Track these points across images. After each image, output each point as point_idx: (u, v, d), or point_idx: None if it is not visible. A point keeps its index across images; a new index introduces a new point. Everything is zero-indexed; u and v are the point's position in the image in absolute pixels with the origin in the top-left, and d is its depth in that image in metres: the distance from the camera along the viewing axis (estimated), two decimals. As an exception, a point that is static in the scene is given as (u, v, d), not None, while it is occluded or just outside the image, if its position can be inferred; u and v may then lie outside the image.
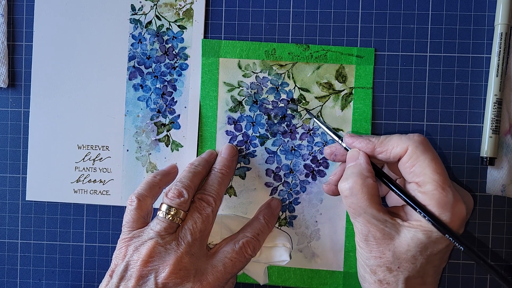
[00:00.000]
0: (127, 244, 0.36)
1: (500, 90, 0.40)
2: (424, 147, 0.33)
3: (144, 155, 0.43)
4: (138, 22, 0.43)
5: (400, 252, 0.33)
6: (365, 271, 0.35)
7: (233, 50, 0.42)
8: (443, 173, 0.33)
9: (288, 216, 0.43)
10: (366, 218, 0.34)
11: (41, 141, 0.44)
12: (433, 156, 0.33)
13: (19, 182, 0.44)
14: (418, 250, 0.33)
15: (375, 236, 0.33)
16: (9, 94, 0.44)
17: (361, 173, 0.34)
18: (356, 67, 0.42)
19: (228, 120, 0.43)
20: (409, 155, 0.33)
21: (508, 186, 0.41)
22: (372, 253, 0.34)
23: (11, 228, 0.44)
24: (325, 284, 0.42)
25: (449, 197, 0.32)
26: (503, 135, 0.41)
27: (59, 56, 0.43)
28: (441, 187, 0.32)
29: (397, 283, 0.33)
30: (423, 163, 0.33)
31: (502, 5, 0.40)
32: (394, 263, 0.33)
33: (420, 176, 0.33)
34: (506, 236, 0.42)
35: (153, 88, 0.43)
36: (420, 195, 0.33)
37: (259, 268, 0.41)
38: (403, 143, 0.34)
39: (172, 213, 0.36)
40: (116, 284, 0.35)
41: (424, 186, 0.33)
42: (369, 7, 0.42)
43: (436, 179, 0.32)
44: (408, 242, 0.33)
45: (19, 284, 0.44)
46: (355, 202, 0.34)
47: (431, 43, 0.42)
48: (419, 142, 0.34)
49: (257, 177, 0.43)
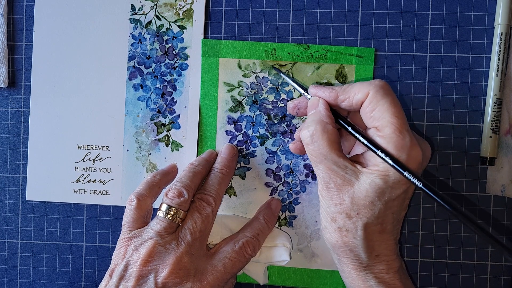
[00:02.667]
0: (126, 244, 0.36)
1: (500, 90, 0.40)
2: (385, 91, 0.33)
3: (144, 155, 0.43)
4: (138, 22, 0.43)
5: (358, 197, 0.33)
6: (326, 220, 0.35)
7: (233, 50, 0.42)
8: (401, 117, 0.33)
9: (288, 216, 0.43)
10: (327, 164, 0.34)
11: (41, 141, 0.44)
12: (393, 100, 0.33)
13: (19, 182, 0.44)
14: (376, 195, 0.33)
15: (336, 183, 0.34)
16: (9, 94, 0.44)
17: (321, 120, 0.35)
18: (356, 67, 0.42)
19: (228, 120, 0.43)
20: (369, 100, 0.33)
21: (508, 186, 0.41)
22: (333, 200, 0.34)
23: (11, 228, 0.44)
24: (325, 284, 0.42)
25: (406, 140, 0.32)
26: (503, 135, 0.41)
27: (59, 56, 0.43)
28: (399, 130, 0.32)
29: (356, 229, 0.34)
30: (382, 107, 0.33)
31: (502, 5, 0.40)
32: (353, 209, 0.33)
33: (380, 120, 0.33)
34: (506, 236, 0.42)
35: (153, 88, 0.43)
36: (379, 139, 0.33)
37: (259, 268, 0.41)
38: (365, 88, 0.34)
39: (172, 213, 0.36)
40: (115, 283, 0.35)
41: (382, 130, 0.33)
42: (369, 7, 0.42)
43: (394, 123, 0.33)
44: (367, 187, 0.33)
45: (19, 284, 0.44)
46: (316, 149, 0.34)
47: (431, 43, 0.42)
48: (380, 86, 0.33)
49: (257, 177, 0.43)
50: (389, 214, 0.34)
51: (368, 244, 0.34)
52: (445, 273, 0.42)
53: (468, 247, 0.42)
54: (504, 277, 0.42)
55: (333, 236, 0.35)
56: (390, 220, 0.34)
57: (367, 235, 0.34)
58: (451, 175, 0.42)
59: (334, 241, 0.35)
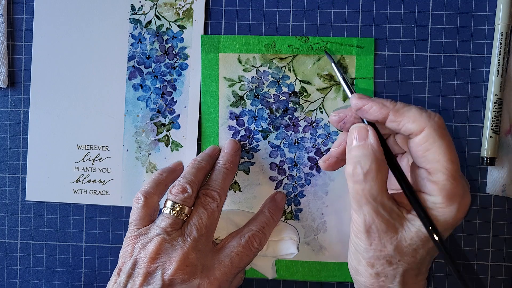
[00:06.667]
0: (133, 241, 0.36)
1: (500, 90, 0.40)
2: (442, 132, 0.30)
3: (144, 155, 0.43)
4: (137, 22, 0.43)
5: (402, 245, 0.31)
6: (360, 264, 0.33)
7: (233, 44, 0.42)
8: (457, 162, 0.30)
9: (294, 210, 0.43)
10: (374, 207, 0.31)
11: (41, 141, 0.44)
12: (449, 143, 0.30)
13: (19, 182, 0.44)
14: (421, 243, 0.31)
15: (379, 228, 0.31)
16: (8, 94, 0.44)
17: (376, 157, 0.31)
18: (357, 57, 0.42)
19: (230, 115, 0.43)
20: (425, 138, 0.30)
21: (508, 186, 0.41)
22: (372, 245, 0.32)
23: (10, 228, 0.44)
24: (334, 277, 0.42)
25: (459, 189, 0.30)
26: (503, 135, 0.41)
27: (59, 56, 0.43)
28: (453, 177, 0.30)
29: (395, 276, 0.32)
30: (438, 150, 0.30)
31: (502, 5, 0.40)
32: (395, 256, 0.31)
33: (433, 163, 0.30)
34: (507, 236, 0.42)
35: (152, 88, 0.43)
36: (430, 184, 0.31)
37: (267, 263, 0.41)
38: (421, 122, 0.30)
39: (177, 209, 0.36)
40: (124, 282, 0.35)
41: (435, 175, 0.30)
42: (369, 7, 0.42)
43: (449, 169, 0.30)
44: (412, 235, 0.31)
45: (19, 284, 0.44)
46: (367, 189, 0.31)
47: (431, 43, 0.42)
48: (438, 125, 0.30)
49: (261, 171, 0.43)
50: (428, 258, 0.33)
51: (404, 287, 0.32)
52: (445, 273, 0.42)
53: (469, 247, 0.42)
54: (505, 277, 0.42)
55: (368, 281, 0.33)
56: (427, 263, 0.33)
57: (404, 279, 0.32)
58: (452, 175, 0.42)
59: (369, 284, 0.33)
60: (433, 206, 0.31)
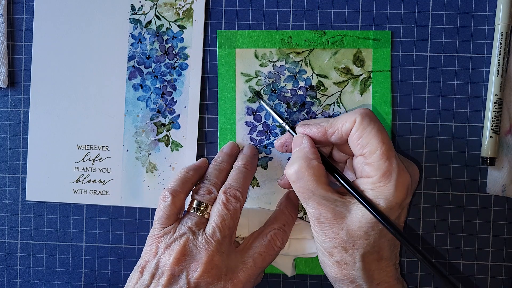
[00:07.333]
0: (158, 240, 0.36)
1: (500, 90, 0.40)
2: (371, 119, 0.34)
3: (144, 155, 0.43)
4: (137, 22, 0.43)
5: (352, 229, 0.33)
6: (324, 255, 0.35)
7: (249, 40, 0.42)
8: (388, 142, 0.33)
9: None
10: (316, 200, 0.34)
11: (41, 141, 0.44)
12: (379, 127, 0.34)
13: (19, 182, 0.44)
14: (369, 225, 0.33)
15: (327, 217, 0.34)
16: (8, 94, 0.44)
17: (305, 156, 0.35)
18: (374, 50, 0.41)
19: (247, 110, 0.42)
20: (356, 127, 0.34)
21: (508, 186, 0.41)
22: (326, 235, 0.34)
23: (10, 228, 0.44)
24: None
25: (393, 167, 0.33)
26: (503, 135, 0.41)
27: (59, 56, 0.43)
28: (386, 156, 0.33)
29: (354, 261, 0.34)
30: (369, 134, 0.33)
31: (502, 5, 0.40)
32: (348, 241, 0.34)
33: (367, 147, 0.33)
34: (507, 236, 0.42)
35: (153, 88, 0.43)
36: (367, 167, 0.33)
37: (288, 261, 0.41)
38: (351, 117, 0.34)
39: (202, 208, 0.37)
40: (147, 281, 0.34)
41: (370, 157, 0.33)
42: (369, 7, 0.42)
43: (381, 149, 0.33)
44: (359, 218, 0.33)
45: (19, 284, 0.44)
46: (303, 185, 0.34)
47: (431, 43, 0.42)
48: (365, 114, 0.34)
49: (279, 166, 0.43)
50: (385, 241, 0.34)
51: (368, 273, 0.34)
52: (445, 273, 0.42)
53: (469, 247, 0.42)
54: (505, 277, 0.42)
55: (333, 270, 0.35)
56: (386, 246, 0.35)
57: (365, 265, 0.34)
58: (452, 175, 0.42)
59: (334, 274, 0.35)
60: (373, 187, 0.33)
